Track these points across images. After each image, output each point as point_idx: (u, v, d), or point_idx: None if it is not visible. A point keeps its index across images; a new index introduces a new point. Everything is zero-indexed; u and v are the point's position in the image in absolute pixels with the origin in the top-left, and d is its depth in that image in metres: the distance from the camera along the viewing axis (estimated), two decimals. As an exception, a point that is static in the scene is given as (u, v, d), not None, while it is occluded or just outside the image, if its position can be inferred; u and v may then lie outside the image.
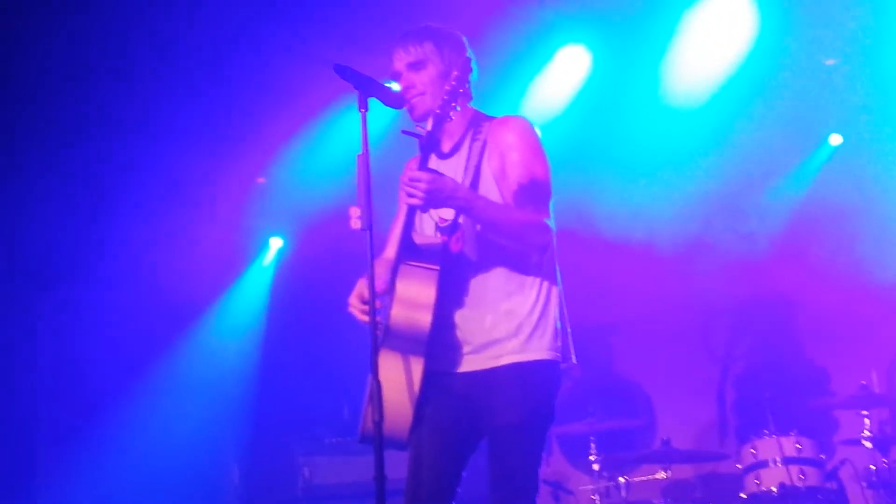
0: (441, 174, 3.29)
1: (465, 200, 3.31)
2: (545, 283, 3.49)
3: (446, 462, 3.44)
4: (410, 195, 3.25)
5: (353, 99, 3.40)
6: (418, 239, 3.43)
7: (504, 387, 3.39)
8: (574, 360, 3.54)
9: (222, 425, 7.03)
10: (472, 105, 3.60)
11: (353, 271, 3.53)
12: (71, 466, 6.76)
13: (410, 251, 3.38)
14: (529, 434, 3.40)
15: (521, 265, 3.45)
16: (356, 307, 3.45)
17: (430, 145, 3.35)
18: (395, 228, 3.68)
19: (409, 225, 3.40)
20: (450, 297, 3.37)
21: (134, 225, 6.88)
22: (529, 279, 3.46)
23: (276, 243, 7.61)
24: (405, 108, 3.56)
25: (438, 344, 3.35)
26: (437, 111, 3.38)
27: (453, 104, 3.41)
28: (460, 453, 3.47)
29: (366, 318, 3.35)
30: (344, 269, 3.71)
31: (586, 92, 6.70)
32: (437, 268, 3.34)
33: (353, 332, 3.68)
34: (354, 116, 3.43)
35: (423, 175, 3.25)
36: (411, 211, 3.38)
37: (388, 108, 3.53)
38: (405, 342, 3.32)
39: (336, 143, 6.56)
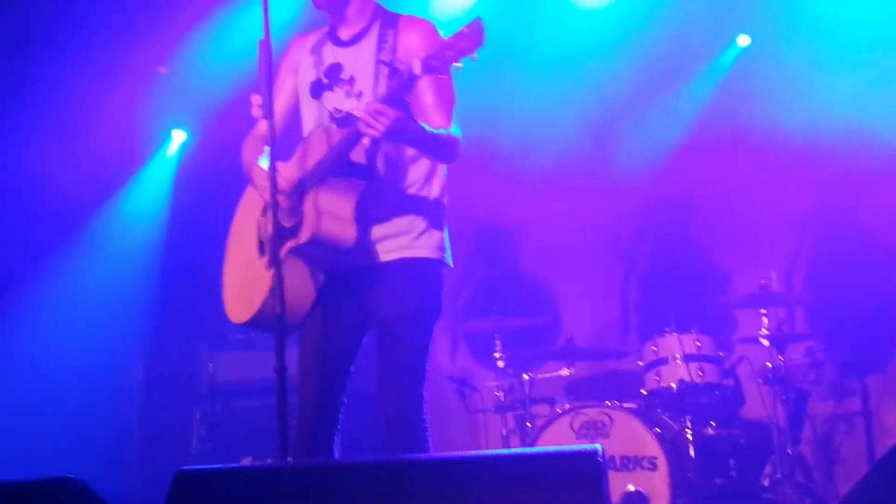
0: (405, 111, 3.22)
1: (414, 135, 3.30)
2: (438, 188, 3.55)
3: (338, 353, 3.50)
4: (370, 126, 3.18)
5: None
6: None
7: (393, 280, 3.46)
8: (452, 264, 3.59)
9: (126, 322, 6.93)
10: None
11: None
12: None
13: (341, 164, 3.33)
14: (416, 327, 3.46)
15: (419, 170, 3.51)
16: (263, 188, 3.39)
17: (409, 83, 3.20)
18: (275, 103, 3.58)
19: (351, 141, 3.31)
20: (363, 205, 3.38)
21: (32, 115, 6.63)
22: (424, 183, 3.52)
23: (178, 135, 7.43)
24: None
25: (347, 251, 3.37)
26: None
27: None
28: (351, 344, 3.53)
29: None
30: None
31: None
32: (363, 183, 3.35)
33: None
34: (257, 3, 3.30)
35: (390, 112, 3.18)
36: (358, 133, 3.28)
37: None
38: (323, 251, 3.34)
39: (240, 31, 6.38)
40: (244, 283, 3.54)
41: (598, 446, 2.53)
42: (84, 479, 2.63)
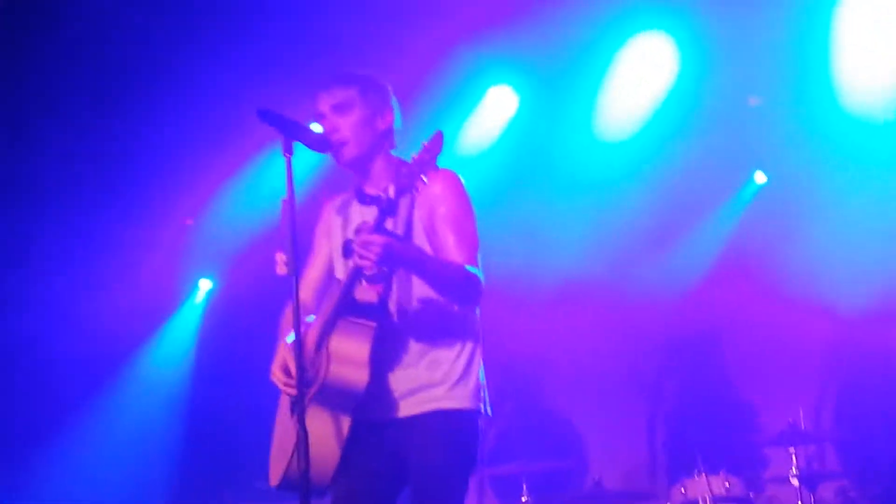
0: (391, 235, 3.27)
1: (414, 259, 3.31)
2: (470, 334, 3.51)
3: None
4: (362, 258, 3.21)
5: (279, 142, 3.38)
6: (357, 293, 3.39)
7: (428, 433, 3.39)
8: (490, 413, 3.54)
9: (151, 467, 6.92)
10: (395, 153, 3.59)
11: (280, 313, 3.53)
12: None
13: (348, 306, 3.35)
14: (451, 481, 3.40)
15: (448, 316, 3.47)
16: (279, 379, 3.44)
17: (389, 209, 3.28)
18: (310, 270, 3.66)
19: (353, 280, 3.35)
20: (381, 348, 3.36)
21: (67, 265, 6.77)
22: (455, 329, 3.48)
23: (205, 285, 7.55)
24: (329, 153, 3.54)
25: (367, 396, 3.34)
26: (362, 157, 3.39)
27: (378, 151, 3.42)
28: (384, 501, 3.46)
29: (289, 391, 3.37)
30: (272, 309, 3.67)
31: (513, 130, 6.79)
32: (374, 324, 3.33)
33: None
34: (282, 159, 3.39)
35: (377, 239, 3.21)
36: (357, 269, 3.32)
37: (313, 151, 3.52)
38: (339, 398, 3.31)
39: (266, 185, 6.54)
40: (279, 445, 3.51)
41: None
42: None
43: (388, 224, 3.32)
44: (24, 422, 6.75)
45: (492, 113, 6.84)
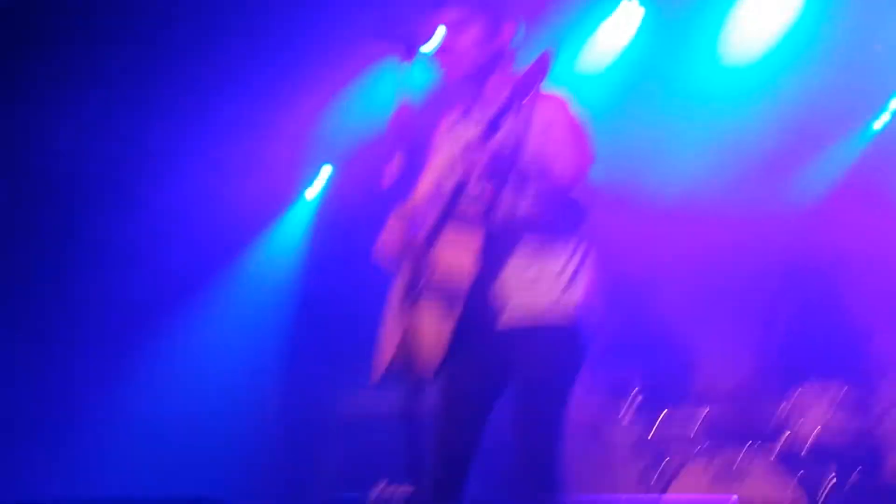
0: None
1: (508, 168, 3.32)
2: (580, 245, 3.52)
3: (471, 410, 3.52)
4: (467, 172, 3.30)
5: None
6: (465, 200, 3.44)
7: (535, 336, 3.44)
8: (599, 316, 3.57)
9: (266, 349, 7.18)
10: (515, 69, 3.55)
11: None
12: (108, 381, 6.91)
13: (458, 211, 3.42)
14: (555, 391, 3.45)
15: (558, 228, 3.49)
16: (382, 254, 3.52)
17: (494, 126, 3.28)
18: (422, 181, 3.71)
19: (461, 185, 3.41)
20: (490, 256, 3.41)
21: (197, 149, 6.94)
22: (565, 235, 3.50)
23: (326, 170, 7.66)
24: (444, 70, 3.54)
25: (475, 299, 3.40)
26: (474, 76, 3.39)
27: (493, 68, 3.41)
28: (485, 403, 3.54)
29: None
30: (384, 204, 3.74)
31: (637, 45, 6.72)
32: (482, 228, 3.37)
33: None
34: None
35: (480, 156, 3.26)
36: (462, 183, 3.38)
37: (430, 67, 3.51)
38: (446, 295, 3.39)
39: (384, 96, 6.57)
40: (386, 337, 3.61)
41: (734, 496, 2.49)
42: (221, 499, 2.72)
43: (495, 141, 3.34)
44: (144, 299, 6.98)
45: (618, 26, 6.76)
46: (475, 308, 3.42)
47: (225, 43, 6.38)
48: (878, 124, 6.72)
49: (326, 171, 7.70)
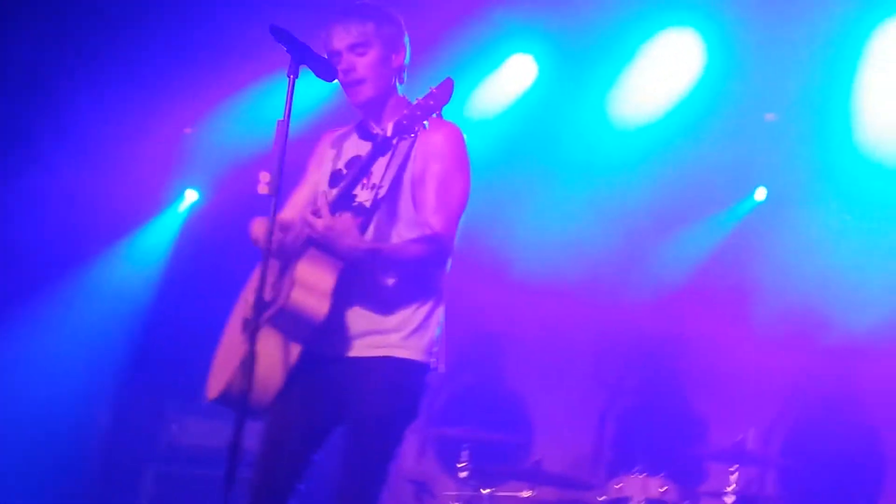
0: (347, 226, 3.26)
1: (358, 259, 3.30)
2: (434, 290, 3.50)
3: (301, 441, 3.43)
4: (309, 224, 3.26)
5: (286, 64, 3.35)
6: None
7: (376, 377, 3.39)
8: (443, 369, 3.54)
9: (103, 363, 6.92)
10: (401, 90, 3.58)
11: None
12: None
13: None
14: (387, 429, 3.39)
15: (420, 269, 3.47)
16: (257, 237, 3.45)
17: (383, 147, 3.28)
18: (296, 194, 3.65)
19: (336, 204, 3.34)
20: (344, 285, 3.35)
21: (62, 155, 6.72)
22: (420, 281, 3.47)
23: (191, 195, 7.52)
24: (336, 82, 3.51)
25: (323, 328, 3.33)
26: (376, 97, 3.40)
27: (390, 89, 3.41)
28: (317, 435, 3.46)
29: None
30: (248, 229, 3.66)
31: (527, 101, 6.76)
32: (342, 263, 3.31)
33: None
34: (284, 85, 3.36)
35: (321, 222, 3.24)
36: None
37: (319, 79, 3.48)
38: (294, 323, 3.30)
39: (270, 106, 6.49)
40: (223, 359, 3.50)
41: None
42: None
43: (379, 164, 3.31)
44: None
45: (510, 79, 6.79)
46: (320, 339, 3.35)
47: (113, 36, 6.22)
48: (758, 195, 6.87)
49: (192, 195, 7.52)
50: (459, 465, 6.06)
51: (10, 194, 6.68)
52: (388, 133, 3.26)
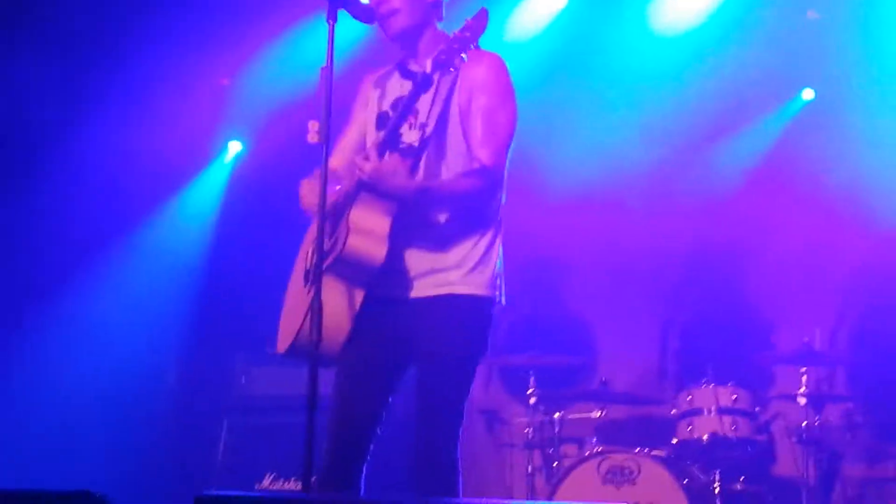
0: (395, 166, 3.26)
1: (408, 198, 3.31)
2: (491, 221, 3.50)
3: (374, 386, 3.47)
4: (358, 168, 3.28)
5: (324, 9, 3.32)
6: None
7: (441, 315, 3.41)
8: (504, 302, 3.55)
9: (165, 324, 6.97)
10: (441, 27, 3.53)
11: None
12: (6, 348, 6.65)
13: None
14: (459, 365, 3.42)
15: (471, 204, 3.46)
16: (306, 199, 3.48)
17: (424, 84, 3.27)
18: (344, 138, 3.65)
19: (384, 144, 3.34)
20: (401, 226, 3.36)
21: (100, 113, 6.73)
22: (476, 215, 3.47)
23: (234, 147, 7.51)
24: (376, 24, 3.48)
25: (383, 272, 3.34)
26: (410, 29, 3.34)
27: (426, 24, 3.37)
28: (389, 378, 3.49)
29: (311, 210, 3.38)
30: (299, 177, 3.66)
31: (564, 19, 6.67)
32: (396, 202, 3.32)
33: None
34: (325, 27, 3.33)
35: (369, 165, 3.25)
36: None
37: (358, 22, 3.45)
38: (354, 269, 3.31)
39: (306, 52, 6.45)
40: (289, 313, 3.53)
41: None
42: (105, 494, 2.62)
43: (422, 100, 3.30)
44: (39, 270, 6.75)
45: (542, 3, 6.71)
46: (383, 282, 3.37)
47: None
48: (806, 95, 6.77)
49: (236, 146, 7.52)
50: (528, 392, 6.11)
51: (55, 162, 6.71)
52: (428, 69, 3.25)
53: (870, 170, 6.25)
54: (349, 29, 3.75)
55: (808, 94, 6.75)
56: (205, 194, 7.43)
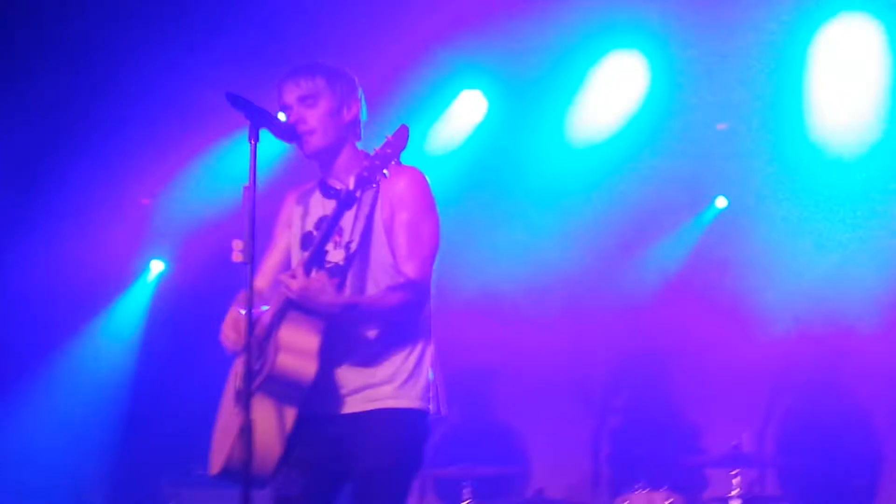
0: (322, 283, 3.26)
1: (337, 315, 3.29)
2: (421, 335, 3.51)
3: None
4: (286, 286, 3.27)
5: (245, 128, 3.36)
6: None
7: (375, 431, 3.38)
8: (444, 411, 3.54)
9: (90, 449, 6.85)
10: (360, 146, 3.59)
11: (231, 300, 3.50)
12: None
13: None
14: (395, 481, 3.38)
15: (401, 315, 3.45)
16: (228, 337, 3.43)
17: (347, 201, 3.30)
18: (267, 259, 3.65)
19: (309, 264, 3.34)
20: (331, 342, 3.34)
21: (19, 235, 6.69)
22: (405, 328, 3.48)
23: (157, 266, 7.49)
24: (295, 143, 3.53)
25: (315, 388, 3.31)
26: (328, 149, 3.39)
27: (344, 143, 3.42)
28: (325, 497, 3.45)
29: (236, 348, 3.37)
30: (223, 297, 3.65)
31: (482, 133, 6.82)
32: (323, 320, 3.31)
33: (227, 362, 3.61)
34: (247, 145, 3.36)
35: (296, 283, 3.24)
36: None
37: (279, 140, 3.50)
38: (285, 388, 3.29)
39: (228, 170, 6.50)
40: (220, 433, 3.48)
41: None
42: None
43: (345, 217, 3.32)
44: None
45: (461, 116, 6.85)
46: (314, 400, 3.33)
47: (75, 100, 6.22)
48: (719, 203, 6.93)
49: (158, 265, 7.49)
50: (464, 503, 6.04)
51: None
52: (351, 186, 3.28)
53: (780, 279, 6.41)
54: (271, 147, 3.80)
55: (720, 202, 6.94)
56: (128, 314, 7.39)
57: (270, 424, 3.27)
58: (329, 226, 3.34)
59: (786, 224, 6.50)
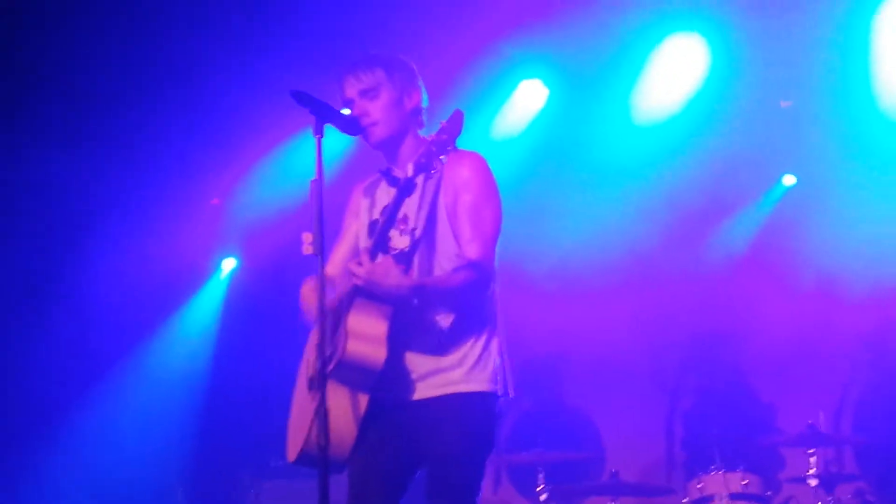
0: (387, 267, 3.31)
1: (403, 297, 3.33)
2: (487, 317, 3.54)
3: (386, 489, 3.48)
4: (352, 273, 3.32)
5: (310, 125, 3.43)
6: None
7: (447, 416, 3.42)
8: (512, 393, 3.57)
9: (169, 444, 6.98)
10: (422, 133, 3.63)
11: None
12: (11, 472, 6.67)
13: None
14: (467, 464, 3.43)
15: (468, 300, 3.49)
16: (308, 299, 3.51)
17: (406, 189, 3.35)
18: (337, 249, 3.72)
19: (375, 250, 3.40)
20: (399, 328, 3.39)
21: (97, 240, 6.87)
22: (472, 312, 3.51)
23: (228, 264, 7.63)
24: (360, 135, 3.59)
25: (386, 374, 3.37)
26: (392, 138, 3.45)
27: (406, 131, 3.47)
28: (399, 480, 3.50)
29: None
30: (294, 290, 3.73)
31: (543, 119, 6.82)
32: (391, 306, 3.36)
33: (301, 354, 3.69)
34: (312, 141, 3.43)
35: (362, 269, 3.30)
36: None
37: (344, 134, 3.57)
38: (356, 374, 3.35)
39: (295, 167, 6.60)
40: (296, 421, 3.55)
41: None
42: None
43: (409, 204, 3.37)
44: (49, 392, 6.80)
45: (521, 106, 6.87)
46: (386, 385, 3.39)
47: (136, 111, 6.35)
48: (787, 180, 6.90)
49: (230, 263, 7.63)
50: (537, 489, 6.07)
51: (62, 292, 6.82)
52: (410, 173, 3.33)
53: (853, 254, 6.33)
54: (336, 141, 3.87)
55: (788, 179, 6.88)
56: (203, 311, 7.52)
57: (344, 409, 3.34)
58: (391, 212, 3.39)
59: (857, 197, 6.44)
